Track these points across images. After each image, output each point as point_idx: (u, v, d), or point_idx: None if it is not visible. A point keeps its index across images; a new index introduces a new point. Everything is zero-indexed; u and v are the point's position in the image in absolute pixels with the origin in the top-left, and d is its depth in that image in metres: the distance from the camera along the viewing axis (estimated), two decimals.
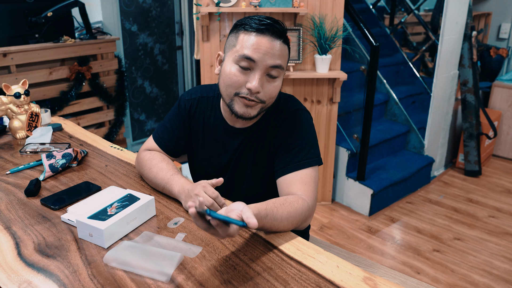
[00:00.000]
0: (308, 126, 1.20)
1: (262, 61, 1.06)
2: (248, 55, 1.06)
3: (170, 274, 0.87)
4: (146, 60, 3.72)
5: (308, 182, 1.12)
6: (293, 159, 1.15)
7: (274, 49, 1.07)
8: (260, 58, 1.06)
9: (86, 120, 2.94)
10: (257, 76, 1.07)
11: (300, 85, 2.61)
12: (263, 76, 1.08)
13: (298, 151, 1.15)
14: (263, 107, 1.13)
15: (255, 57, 1.05)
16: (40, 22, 2.57)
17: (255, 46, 1.06)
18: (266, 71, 1.08)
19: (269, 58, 1.06)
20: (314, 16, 2.49)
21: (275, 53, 1.07)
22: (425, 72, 4.14)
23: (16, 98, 1.61)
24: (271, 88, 1.10)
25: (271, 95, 1.11)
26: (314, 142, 1.19)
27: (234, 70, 1.08)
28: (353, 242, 2.52)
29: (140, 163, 1.30)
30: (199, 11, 2.39)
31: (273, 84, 1.10)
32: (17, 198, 1.20)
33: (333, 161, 2.79)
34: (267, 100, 1.12)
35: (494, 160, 3.73)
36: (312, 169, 1.15)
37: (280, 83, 1.12)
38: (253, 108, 1.11)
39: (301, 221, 1.07)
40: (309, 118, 1.23)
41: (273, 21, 1.08)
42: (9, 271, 0.89)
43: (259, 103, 1.11)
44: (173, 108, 1.32)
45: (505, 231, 2.64)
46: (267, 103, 1.12)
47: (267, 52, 1.06)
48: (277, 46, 1.07)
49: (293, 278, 0.88)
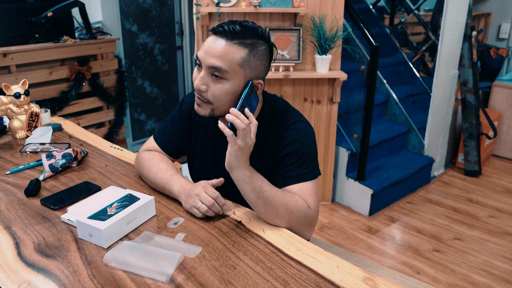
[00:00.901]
0: (309, 139, 1.18)
1: (204, 59, 1.06)
2: (197, 54, 1.09)
3: (170, 274, 0.87)
4: (146, 60, 3.72)
5: (309, 193, 1.12)
6: (293, 173, 1.14)
7: (216, 49, 1.04)
8: (202, 57, 1.06)
9: (86, 120, 2.94)
10: (200, 74, 1.08)
11: (300, 85, 2.61)
12: (206, 75, 1.07)
13: (298, 165, 1.14)
14: (213, 108, 1.10)
15: (199, 55, 1.07)
16: (40, 22, 2.57)
17: (204, 45, 1.08)
18: (209, 70, 1.07)
19: (209, 58, 1.05)
20: (314, 16, 2.49)
21: (216, 53, 1.04)
22: (425, 72, 4.14)
23: (16, 98, 1.61)
24: (214, 89, 1.07)
25: (216, 96, 1.08)
26: (315, 155, 1.18)
27: (195, 69, 1.12)
28: (353, 242, 2.52)
29: (139, 163, 1.30)
30: (199, 11, 2.39)
31: (217, 86, 1.07)
32: (17, 198, 1.20)
33: (333, 161, 2.79)
34: (214, 102, 1.08)
35: (494, 160, 3.73)
36: (311, 182, 1.14)
37: (227, 87, 1.06)
38: (202, 107, 1.11)
39: (301, 221, 1.07)
40: (310, 129, 1.20)
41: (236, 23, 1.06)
42: (9, 271, 0.89)
43: (205, 102, 1.09)
44: (174, 110, 1.33)
45: (505, 231, 2.64)
46: (216, 105, 1.09)
47: (208, 51, 1.05)
48: (220, 47, 1.04)
49: (293, 278, 0.88)
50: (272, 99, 1.22)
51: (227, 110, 1.08)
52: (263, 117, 1.19)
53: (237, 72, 1.05)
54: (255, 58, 1.07)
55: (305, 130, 1.18)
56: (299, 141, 1.16)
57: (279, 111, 1.20)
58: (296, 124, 1.18)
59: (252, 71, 1.08)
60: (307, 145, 1.17)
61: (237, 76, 1.06)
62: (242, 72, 1.06)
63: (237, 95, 1.09)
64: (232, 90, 1.07)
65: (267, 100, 1.22)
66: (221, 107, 1.10)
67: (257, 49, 1.07)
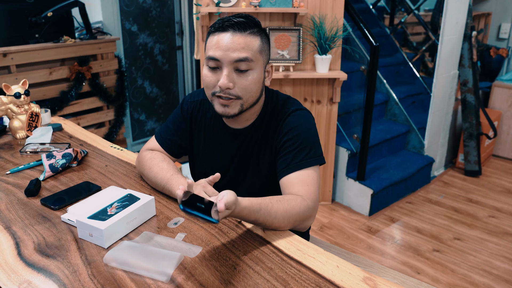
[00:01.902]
0: (309, 125, 1.19)
1: (225, 57, 1.07)
2: (211, 55, 1.09)
3: (170, 274, 0.87)
4: (146, 60, 3.72)
5: (310, 183, 1.12)
6: (294, 159, 1.14)
7: (236, 42, 1.07)
8: (222, 54, 1.07)
9: (86, 120, 2.94)
10: (224, 73, 1.08)
11: (300, 85, 2.61)
12: (231, 72, 1.09)
13: (300, 151, 1.14)
14: (243, 103, 1.12)
15: (217, 55, 1.08)
16: (40, 22, 2.57)
17: (217, 44, 1.08)
18: (233, 66, 1.08)
19: (231, 53, 1.07)
20: (314, 16, 2.49)
21: (237, 46, 1.07)
22: (425, 72, 4.14)
23: (16, 98, 1.61)
24: (243, 82, 1.10)
25: (246, 89, 1.10)
26: (316, 141, 1.19)
27: (206, 72, 1.12)
28: (353, 242, 2.52)
29: (140, 163, 1.30)
30: (199, 11, 2.39)
31: (246, 78, 1.10)
32: (17, 198, 1.20)
33: (333, 161, 2.79)
34: (244, 95, 1.11)
35: (494, 160, 3.73)
36: (313, 169, 1.14)
37: (255, 76, 1.10)
38: (230, 107, 1.11)
39: (300, 220, 1.06)
40: (310, 117, 1.22)
41: (237, 16, 1.10)
42: (9, 271, 0.89)
43: (235, 99, 1.11)
44: (176, 109, 1.34)
45: (505, 231, 2.64)
46: (245, 98, 1.12)
47: (229, 47, 1.07)
48: (239, 39, 1.07)
49: (293, 278, 0.88)
50: (274, 93, 1.26)
51: (255, 100, 1.14)
52: (266, 109, 1.21)
53: (259, 59, 1.11)
54: (266, 44, 1.14)
55: (304, 117, 1.20)
56: (299, 127, 1.17)
57: (281, 102, 1.22)
58: (296, 112, 1.19)
59: (266, 57, 1.15)
60: (307, 130, 1.17)
61: (259, 63, 1.11)
62: (261, 59, 1.12)
63: (262, 82, 1.15)
64: (258, 78, 1.12)
65: (269, 93, 1.25)
66: (250, 99, 1.13)
67: (263, 35, 1.13)
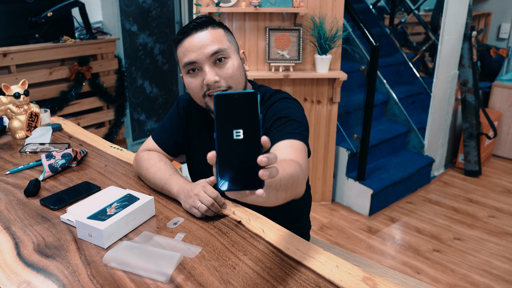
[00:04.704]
0: (297, 108, 1.15)
1: (201, 55, 1.09)
2: (187, 61, 1.11)
3: (169, 274, 0.87)
4: (146, 60, 3.72)
5: (299, 149, 1.02)
6: (283, 130, 1.07)
7: (204, 39, 1.10)
8: (197, 55, 1.09)
9: (86, 120, 2.94)
10: (206, 70, 1.10)
11: (300, 85, 2.61)
12: (212, 66, 1.11)
13: (287, 124, 1.09)
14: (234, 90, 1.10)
15: (192, 57, 1.10)
16: (40, 22, 2.57)
17: (188, 49, 1.10)
18: (211, 60, 1.10)
19: (204, 49, 1.09)
20: (314, 16, 2.49)
21: (207, 41, 1.10)
22: (425, 72, 4.14)
23: (16, 98, 1.61)
24: (227, 71, 1.12)
25: (232, 77, 1.12)
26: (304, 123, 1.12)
27: (189, 79, 1.14)
28: (353, 242, 2.52)
29: (138, 164, 1.30)
30: (199, 11, 2.39)
31: (227, 67, 1.12)
32: (16, 198, 1.20)
33: (333, 161, 2.79)
34: (232, 83, 1.13)
35: (494, 160, 3.73)
36: (302, 142, 1.06)
37: (234, 62, 1.13)
38: None
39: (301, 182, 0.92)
40: (297, 103, 1.18)
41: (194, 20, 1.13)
42: (8, 271, 0.89)
43: (225, 90, 1.11)
44: (172, 108, 1.35)
45: (505, 231, 2.64)
46: (234, 86, 1.13)
47: (200, 45, 1.09)
48: (206, 35, 1.10)
49: (292, 278, 0.87)
50: (263, 87, 1.28)
51: (243, 86, 1.17)
52: None
53: (230, 47, 1.14)
54: (229, 32, 1.18)
55: (292, 101, 1.18)
56: (286, 109, 1.13)
57: (269, 94, 1.23)
58: (283, 99, 1.18)
59: (235, 44, 1.19)
60: (294, 112, 1.13)
61: (232, 50, 1.15)
62: (233, 46, 1.16)
63: (242, 67, 1.17)
64: (238, 64, 1.15)
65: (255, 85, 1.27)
66: (239, 85, 1.15)
67: (223, 26, 1.17)
